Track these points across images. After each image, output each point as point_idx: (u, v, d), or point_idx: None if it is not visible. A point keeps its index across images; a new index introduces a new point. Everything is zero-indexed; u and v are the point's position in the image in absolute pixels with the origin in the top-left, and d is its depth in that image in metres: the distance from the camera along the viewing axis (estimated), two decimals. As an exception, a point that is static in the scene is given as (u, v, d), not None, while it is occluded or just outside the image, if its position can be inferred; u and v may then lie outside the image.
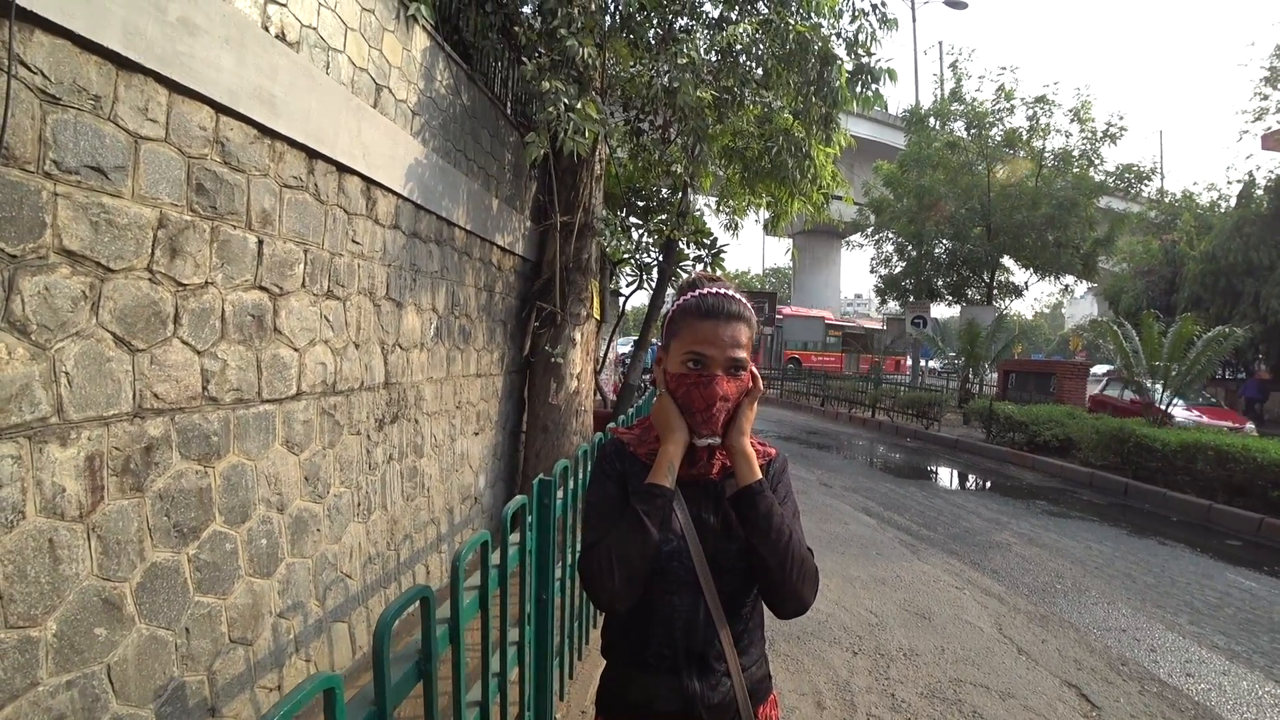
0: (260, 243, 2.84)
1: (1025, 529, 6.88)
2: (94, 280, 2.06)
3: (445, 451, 4.93)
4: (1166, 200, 24.48)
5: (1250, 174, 19.28)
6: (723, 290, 1.26)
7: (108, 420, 2.11)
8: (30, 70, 1.85)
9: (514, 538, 2.11)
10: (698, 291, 1.26)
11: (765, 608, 1.31)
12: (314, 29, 3.17)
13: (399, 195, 4.02)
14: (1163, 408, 10.57)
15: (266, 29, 2.82)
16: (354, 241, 3.59)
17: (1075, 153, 18.88)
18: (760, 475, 1.21)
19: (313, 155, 3.18)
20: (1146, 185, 20.02)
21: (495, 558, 1.89)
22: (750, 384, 1.26)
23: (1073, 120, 18.70)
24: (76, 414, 2.00)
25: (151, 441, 2.28)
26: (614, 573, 1.14)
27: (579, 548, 3.04)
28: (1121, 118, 18.53)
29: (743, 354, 1.22)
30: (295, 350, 3.10)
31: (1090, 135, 18.70)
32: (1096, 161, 18.87)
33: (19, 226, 1.82)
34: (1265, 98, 19.58)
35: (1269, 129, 19.66)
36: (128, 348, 2.19)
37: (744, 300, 1.26)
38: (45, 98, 1.90)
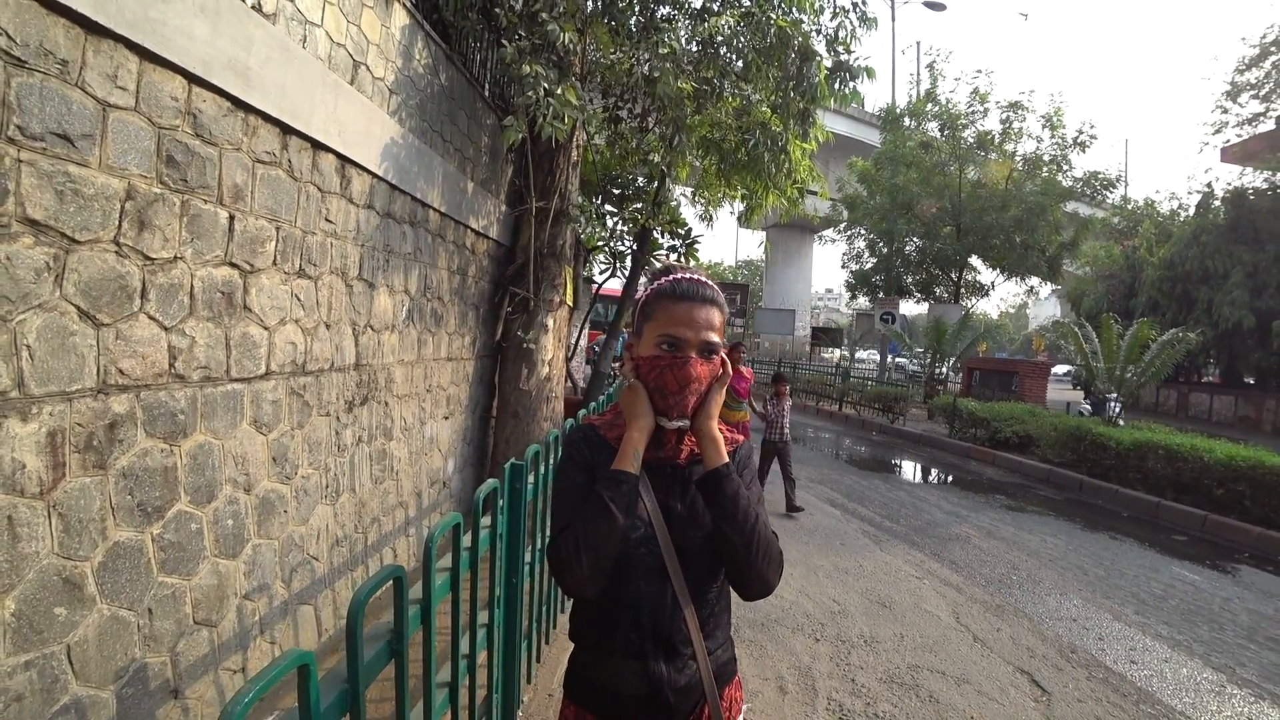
0: (231, 218, 2.78)
1: (984, 522, 7.07)
2: (58, 251, 2.01)
3: (415, 435, 4.90)
4: (1129, 207, 25.18)
5: (1209, 185, 19.93)
6: (696, 276, 1.28)
7: (70, 396, 2.06)
8: (-6, 32, 1.79)
9: (485, 521, 2.12)
10: (672, 276, 1.28)
11: (730, 593, 1.34)
12: (291, 1, 3.10)
13: (374, 175, 3.96)
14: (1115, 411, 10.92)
15: (241, -1, 2.75)
16: (327, 220, 3.53)
17: (1046, 158, 19.28)
18: (728, 459, 1.24)
19: (287, 130, 3.12)
20: (1111, 192, 20.52)
21: (467, 540, 1.90)
22: (720, 369, 1.28)
23: (1045, 126, 19.09)
24: (38, 388, 1.95)
25: (116, 418, 2.24)
26: (581, 558, 1.15)
27: (548, 533, 3.07)
28: (1093, 126, 19.04)
29: (716, 337, 1.24)
30: (265, 329, 3.05)
31: (1060, 141, 19.11)
32: (1066, 167, 19.30)
33: (-20, 193, 1.77)
34: (1225, 111, 20.22)
35: (1228, 142, 20.30)
36: (92, 322, 2.14)
37: (716, 287, 1.29)
38: (9, 59, 1.84)
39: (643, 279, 8.59)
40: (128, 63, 2.22)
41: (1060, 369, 34.53)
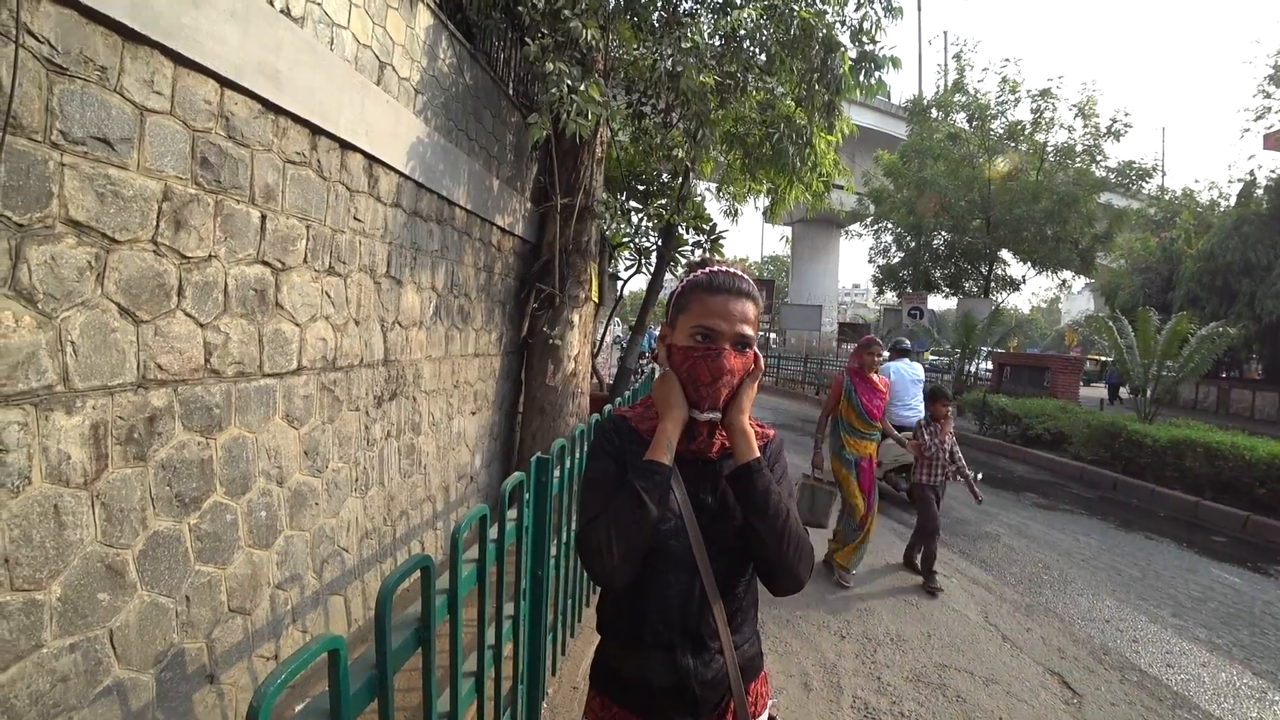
0: (263, 218, 2.85)
1: (1014, 521, 6.96)
2: (99, 251, 2.08)
3: (442, 430, 4.96)
4: (1166, 198, 24.49)
5: (1251, 173, 19.29)
6: (732, 269, 1.29)
7: (112, 390, 2.13)
8: (38, 40, 1.86)
9: (511, 514, 2.15)
10: (708, 269, 1.28)
11: (758, 588, 1.34)
12: (318, 4, 3.15)
13: (401, 173, 4.02)
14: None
15: (271, 3, 2.81)
16: (356, 219, 3.59)
17: (1078, 148, 18.84)
18: (759, 453, 1.24)
19: (316, 131, 3.18)
20: (1147, 182, 19.99)
21: (493, 532, 1.92)
22: (753, 363, 1.28)
23: (1076, 115, 18.65)
24: (82, 383, 2.02)
25: (155, 412, 2.31)
26: (612, 548, 1.15)
27: (574, 526, 3.10)
28: (1127, 114, 18.48)
29: (750, 330, 1.24)
30: (296, 325, 3.12)
31: (1094, 131, 18.65)
32: (1099, 157, 18.84)
33: (26, 196, 1.84)
34: (1269, 96, 19.52)
35: (1271, 128, 19.63)
36: (132, 318, 2.21)
37: (751, 280, 1.29)
38: (52, 67, 1.90)
39: (671, 275, 8.59)
40: (163, 68, 2.28)
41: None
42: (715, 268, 1.28)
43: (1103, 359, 23.86)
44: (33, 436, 1.87)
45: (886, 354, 6.20)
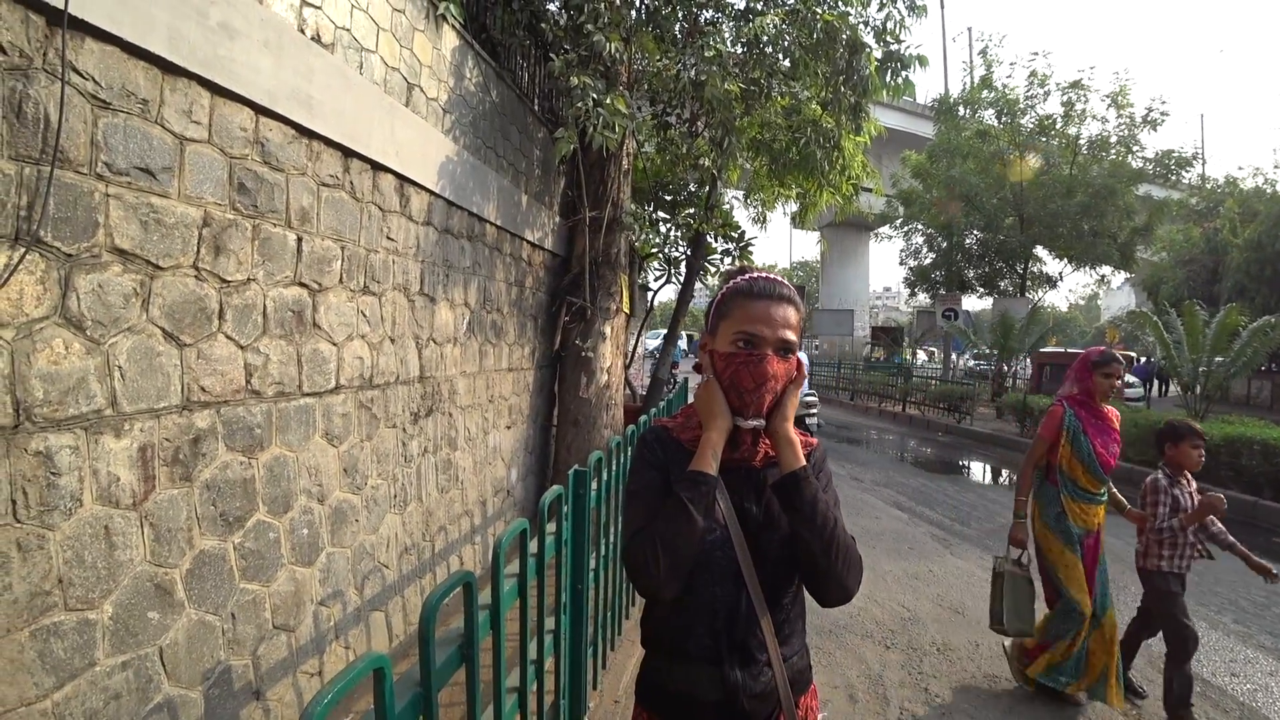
0: (299, 240, 2.90)
1: (1062, 524, 6.74)
2: (144, 278, 2.13)
3: (478, 444, 5.00)
4: (1208, 187, 23.74)
5: (1298, 157, 18.59)
6: (772, 275, 1.28)
7: (158, 412, 2.18)
8: (82, 76, 1.92)
9: (550, 528, 2.14)
10: (748, 275, 1.27)
11: (805, 598, 1.31)
12: (347, 30, 3.22)
13: (431, 192, 4.07)
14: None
15: (302, 31, 2.88)
16: (388, 238, 3.65)
17: (1113, 139, 18.39)
18: (804, 461, 1.22)
19: (348, 154, 3.24)
20: (1188, 172, 19.40)
21: (533, 546, 1.92)
22: (796, 369, 1.26)
23: (1109, 106, 18.21)
24: (129, 406, 2.07)
25: (199, 433, 2.36)
26: (659, 560, 1.13)
27: (613, 539, 3.08)
28: (1164, 102, 17.99)
29: (792, 336, 1.23)
30: (334, 345, 3.17)
31: (1128, 121, 18.19)
32: (1135, 148, 18.35)
33: (74, 226, 1.89)
34: (1315, 78, 18.77)
35: (1319, 111, 18.84)
36: (176, 342, 2.26)
37: (791, 286, 1.27)
38: (96, 102, 1.97)
39: (701, 284, 8.56)
40: (200, 98, 2.35)
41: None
42: (755, 274, 1.27)
43: (1130, 354, 23.18)
44: (83, 460, 1.92)
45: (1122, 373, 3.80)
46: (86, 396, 1.93)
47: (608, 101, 5.04)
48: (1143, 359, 22.59)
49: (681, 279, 8.50)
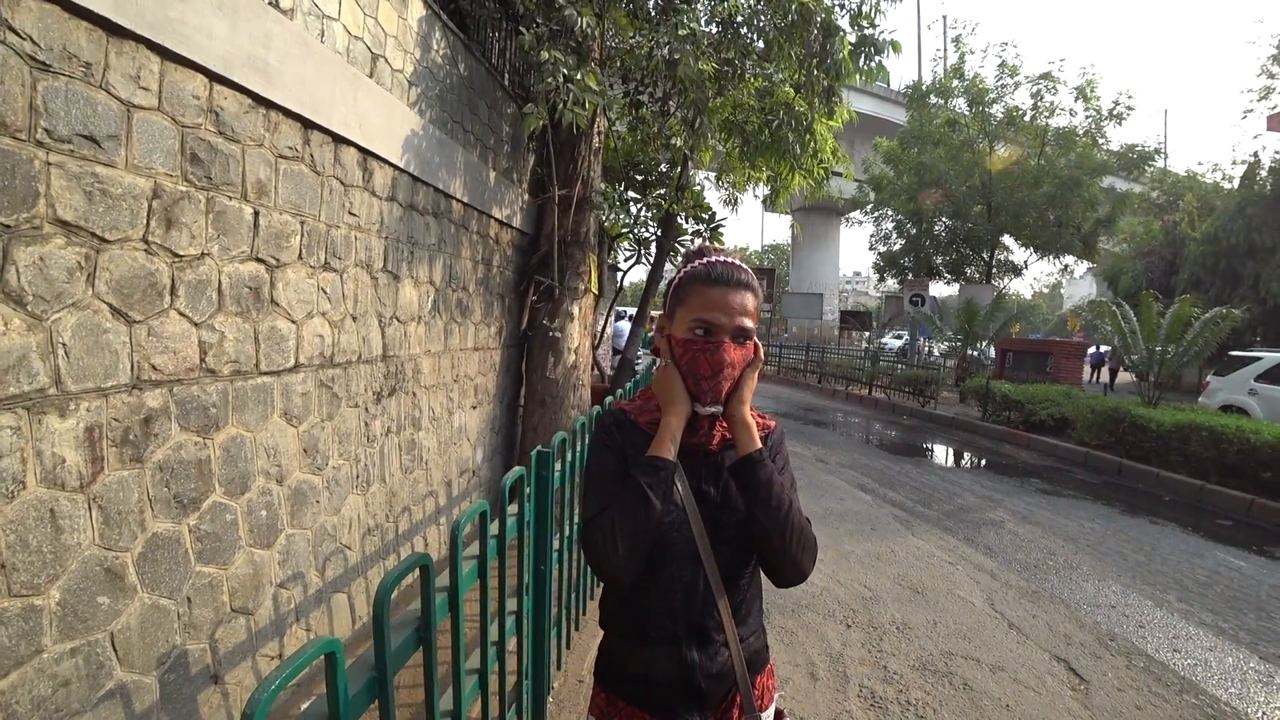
0: (256, 214, 2.81)
1: (1019, 507, 6.94)
2: (89, 251, 2.05)
3: (443, 425, 4.94)
4: (1169, 181, 24.35)
5: (1255, 155, 19.19)
6: (731, 259, 1.26)
7: (106, 391, 2.11)
8: (19, 36, 1.82)
9: (512, 509, 2.13)
10: (706, 260, 1.25)
11: (762, 579, 1.32)
12: (309, -4, 3.11)
13: (396, 167, 3.98)
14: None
15: (260, -5, 2.77)
16: (351, 213, 3.56)
17: (1080, 131, 18.73)
18: (760, 445, 1.22)
19: (308, 125, 3.14)
20: (1150, 165, 19.86)
21: (494, 528, 1.90)
22: (753, 354, 1.26)
23: (1077, 98, 18.52)
24: (75, 385, 1.99)
25: (150, 413, 2.29)
26: (618, 544, 1.14)
27: (576, 520, 3.08)
28: (1130, 96, 18.40)
29: (750, 323, 1.22)
30: (293, 322, 3.09)
31: (1095, 114, 18.54)
32: (1101, 141, 18.73)
33: (12, 196, 1.80)
34: (1272, 76, 19.36)
35: (1274, 108, 19.46)
36: (125, 319, 2.18)
37: (750, 270, 1.26)
38: (35, 64, 1.87)
39: (667, 266, 8.55)
40: (149, 63, 2.24)
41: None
42: (713, 258, 1.25)
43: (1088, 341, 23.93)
44: (26, 440, 1.85)
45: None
46: (29, 375, 1.86)
47: (579, 78, 4.97)
48: (1102, 348, 23.28)
49: (651, 260, 8.47)
